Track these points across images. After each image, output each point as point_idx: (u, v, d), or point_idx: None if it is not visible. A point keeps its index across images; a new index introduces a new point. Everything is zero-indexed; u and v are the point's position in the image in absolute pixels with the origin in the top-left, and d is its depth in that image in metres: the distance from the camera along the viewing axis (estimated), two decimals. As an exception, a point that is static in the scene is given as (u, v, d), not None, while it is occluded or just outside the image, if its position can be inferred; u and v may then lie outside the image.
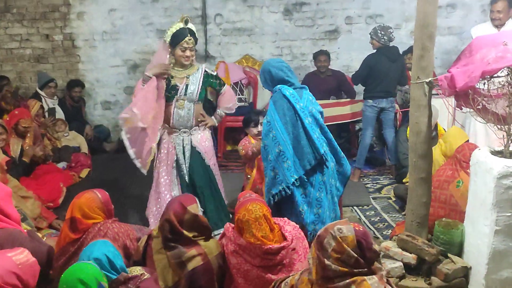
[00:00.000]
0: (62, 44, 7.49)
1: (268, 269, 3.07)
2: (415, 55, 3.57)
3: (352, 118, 6.69)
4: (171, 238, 3.10)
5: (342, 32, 7.58)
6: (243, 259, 3.09)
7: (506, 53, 3.37)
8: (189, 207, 3.11)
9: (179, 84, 4.39)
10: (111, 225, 3.27)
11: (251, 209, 3.07)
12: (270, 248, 3.02)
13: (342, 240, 2.26)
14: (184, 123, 4.48)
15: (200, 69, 4.50)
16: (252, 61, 7.61)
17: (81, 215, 3.25)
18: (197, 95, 4.43)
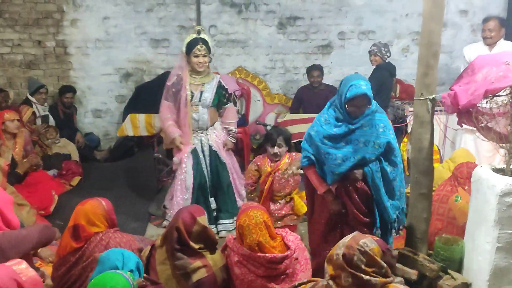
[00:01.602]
0: (54, 50, 7.41)
1: (272, 279, 3.08)
2: (419, 72, 3.62)
3: (345, 132, 6.72)
4: (177, 248, 3.08)
5: (335, 47, 7.66)
6: (247, 269, 3.09)
7: (508, 73, 3.44)
8: (198, 218, 3.11)
9: (195, 92, 4.85)
10: (113, 235, 3.25)
11: (251, 215, 3.11)
12: (275, 257, 3.04)
13: (372, 253, 2.32)
14: (200, 125, 4.94)
15: (215, 79, 4.99)
16: (245, 73, 7.64)
17: (86, 221, 3.22)
18: (210, 102, 4.91)
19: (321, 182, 3.55)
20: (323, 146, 3.45)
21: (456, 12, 7.62)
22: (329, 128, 3.45)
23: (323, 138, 3.46)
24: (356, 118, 3.40)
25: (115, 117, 7.67)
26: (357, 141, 3.41)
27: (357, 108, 3.36)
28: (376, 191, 3.47)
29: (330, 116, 3.49)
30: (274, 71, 7.71)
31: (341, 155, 3.41)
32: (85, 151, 7.08)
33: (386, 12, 7.57)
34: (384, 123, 3.46)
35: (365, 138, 3.40)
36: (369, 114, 3.42)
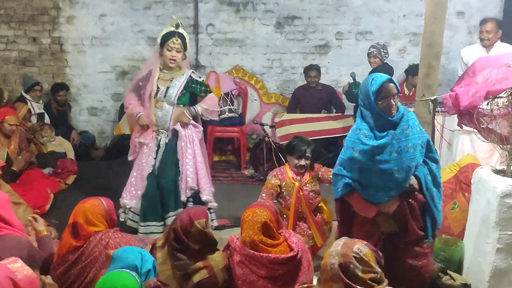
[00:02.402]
0: (50, 47, 7.36)
1: (274, 280, 3.04)
2: (421, 73, 3.64)
3: (342, 132, 6.71)
4: (177, 248, 3.06)
5: (332, 47, 7.66)
6: (248, 270, 3.06)
7: (509, 75, 3.46)
8: (197, 221, 3.05)
9: (161, 86, 4.49)
10: (113, 234, 3.20)
11: (256, 212, 3.09)
12: (277, 258, 3.01)
13: (367, 259, 2.28)
14: (162, 124, 4.54)
15: (185, 74, 4.54)
16: (242, 72, 7.63)
17: (84, 221, 3.18)
18: (175, 99, 4.47)
19: (369, 205, 3.15)
20: (375, 164, 3.03)
21: (453, 14, 7.63)
22: (375, 142, 3.03)
23: (373, 155, 3.02)
24: (393, 115, 3.03)
25: (111, 115, 7.63)
26: (407, 147, 3.04)
27: (390, 100, 2.99)
28: (430, 195, 3.16)
29: (366, 129, 3.08)
30: (271, 70, 7.70)
31: (397, 168, 3.03)
32: (80, 149, 7.04)
33: (384, 12, 7.57)
34: (416, 120, 3.18)
35: (412, 142, 3.06)
36: (404, 115, 3.09)
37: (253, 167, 7.07)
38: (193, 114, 4.58)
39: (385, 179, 3.04)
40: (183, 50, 4.48)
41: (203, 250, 3.09)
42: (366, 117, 3.09)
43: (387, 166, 3.02)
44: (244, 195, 6.08)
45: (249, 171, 7.00)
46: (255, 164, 7.06)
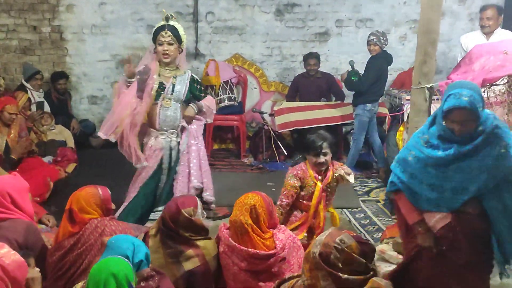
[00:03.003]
0: (50, 36, 7.37)
1: (255, 275, 3.01)
2: (417, 61, 3.62)
3: (341, 121, 6.73)
4: (168, 235, 3.08)
5: (332, 34, 7.63)
6: (231, 261, 3.05)
7: (506, 62, 3.45)
8: (184, 210, 3.07)
9: (166, 83, 4.27)
10: (108, 222, 3.20)
11: (249, 196, 3.09)
12: (257, 253, 2.97)
13: (349, 251, 2.25)
14: (171, 123, 4.30)
15: (187, 73, 4.41)
16: (241, 60, 7.62)
17: (78, 208, 3.21)
18: (183, 96, 4.32)
19: (413, 211, 2.87)
20: (426, 175, 2.78)
21: (454, 1, 7.59)
22: (433, 151, 2.75)
23: (425, 166, 2.77)
24: (462, 137, 2.68)
25: (111, 104, 7.59)
26: (470, 168, 2.68)
27: (457, 125, 2.66)
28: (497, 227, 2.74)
29: (433, 136, 2.79)
30: (271, 58, 7.68)
31: (450, 187, 2.73)
32: (80, 138, 7.06)
33: (384, -1, 7.54)
34: (507, 140, 2.68)
35: (480, 164, 2.67)
36: (484, 132, 2.67)
37: (253, 155, 7.10)
38: (200, 109, 4.43)
39: (433, 195, 2.78)
40: (177, 43, 4.23)
41: (194, 238, 3.10)
42: (437, 123, 2.78)
43: (436, 182, 2.75)
44: (243, 184, 6.10)
45: (248, 159, 7.02)
46: (255, 152, 7.09)
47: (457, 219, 2.75)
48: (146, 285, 2.49)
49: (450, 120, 2.67)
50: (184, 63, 4.48)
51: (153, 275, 2.53)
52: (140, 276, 2.46)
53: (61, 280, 3.06)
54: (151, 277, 2.52)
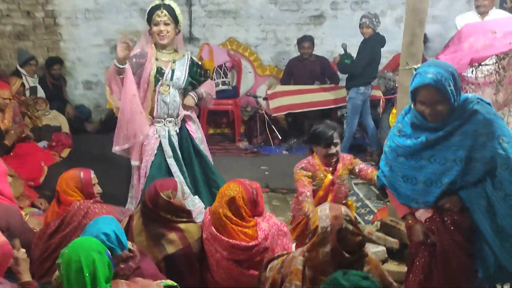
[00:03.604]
0: (43, 21, 7.34)
1: (238, 263, 3.01)
2: (405, 41, 3.58)
3: (335, 104, 6.73)
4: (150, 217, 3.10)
5: (327, 17, 7.58)
6: (213, 248, 3.04)
7: (494, 41, 3.42)
8: (162, 192, 3.08)
9: (164, 68, 3.97)
10: (92, 205, 3.24)
11: (230, 186, 3.06)
12: (237, 244, 2.96)
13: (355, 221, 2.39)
14: (170, 111, 4.03)
15: (186, 56, 4.11)
16: (236, 44, 7.58)
17: (62, 190, 3.28)
18: (183, 82, 4.03)
19: (401, 204, 2.70)
20: (398, 166, 2.60)
21: (451, -19, 7.54)
22: (403, 140, 2.57)
23: (397, 156, 2.59)
24: (435, 122, 2.46)
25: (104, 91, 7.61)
26: (444, 158, 2.46)
27: (426, 108, 2.43)
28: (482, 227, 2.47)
29: (406, 124, 2.60)
30: (265, 42, 7.64)
31: (423, 179, 2.53)
32: (75, 123, 7.06)
33: (380, -20, 7.47)
34: (489, 127, 2.40)
35: (455, 154, 2.43)
36: (461, 117, 2.43)
37: (247, 139, 7.10)
38: (199, 98, 4.16)
39: (408, 187, 2.59)
40: (174, 24, 3.91)
41: (175, 220, 3.11)
42: (411, 110, 2.60)
43: (408, 173, 2.56)
44: (237, 167, 6.12)
45: (243, 143, 7.02)
46: (249, 136, 7.09)
47: (439, 214, 2.56)
48: (126, 266, 2.51)
49: (419, 102, 2.47)
50: (181, 46, 4.18)
51: (132, 256, 2.55)
52: (119, 258, 2.48)
53: (47, 262, 3.09)
54: (131, 258, 2.53)
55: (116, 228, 2.53)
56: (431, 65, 2.44)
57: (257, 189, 3.11)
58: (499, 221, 2.42)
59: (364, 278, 1.98)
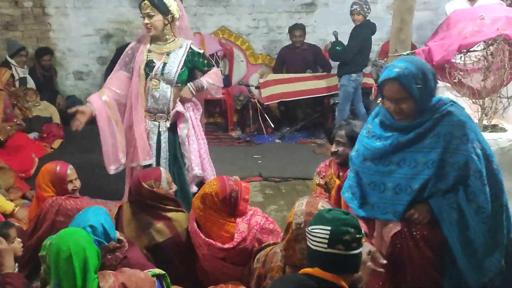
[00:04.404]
0: (32, 11, 7.27)
1: (220, 259, 2.97)
2: (394, 28, 3.58)
3: (327, 92, 6.72)
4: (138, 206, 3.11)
5: (319, 5, 7.55)
6: (196, 242, 3.03)
7: (482, 27, 3.42)
8: (145, 182, 3.08)
9: (156, 61, 3.79)
10: (64, 201, 3.12)
11: (211, 182, 3.03)
12: (213, 244, 2.92)
13: None
14: (160, 107, 3.84)
15: (184, 46, 3.81)
16: (228, 33, 7.55)
17: (37, 184, 3.25)
18: (175, 76, 3.78)
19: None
20: (365, 172, 2.41)
21: (441, -32, 7.50)
22: (372, 142, 2.39)
23: (364, 161, 2.40)
24: (400, 121, 2.31)
25: (98, 80, 7.59)
26: (415, 161, 2.28)
27: (391, 104, 2.29)
28: (451, 240, 2.26)
29: (375, 124, 2.42)
30: (257, 30, 7.61)
31: (391, 185, 2.32)
32: (66, 114, 7.00)
33: (371, -32, 7.43)
34: (463, 129, 2.25)
35: (426, 157, 2.26)
36: (433, 118, 2.28)
37: (240, 128, 7.10)
38: (199, 89, 3.87)
39: (375, 194, 2.39)
40: (161, 14, 3.68)
41: (163, 207, 3.10)
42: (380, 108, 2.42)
43: (376, 179, 2.37)
44: (230, 157, 6.12)
45: (236, 132, 7.02)
46: (242, 125, 7.09)
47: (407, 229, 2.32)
48: (113, 256, 2.51)
49: (385, 98, 2.33)
50: (184, 34, 3.90)
51: (120, 246, 2.54)
52: (106, 249, 2.48)
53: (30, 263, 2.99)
54: (117, 248, 2.53)
55: (105, 220, 2.52)
56: (403, 60, 2.33)
57: (240, 191, 3.01)
58: (470, 235, 2.24)
59: (345, 213, 2.07)
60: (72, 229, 2.32)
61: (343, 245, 1.98)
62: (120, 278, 2.38)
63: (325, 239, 2.00)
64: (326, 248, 2.00)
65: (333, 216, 2.04)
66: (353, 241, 2.00)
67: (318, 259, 2.03)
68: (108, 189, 5.00)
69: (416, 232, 2.31)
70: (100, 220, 2.48)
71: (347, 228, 2.00)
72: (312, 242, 2.05)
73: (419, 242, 2.30)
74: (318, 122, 7.07)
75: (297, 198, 4.71)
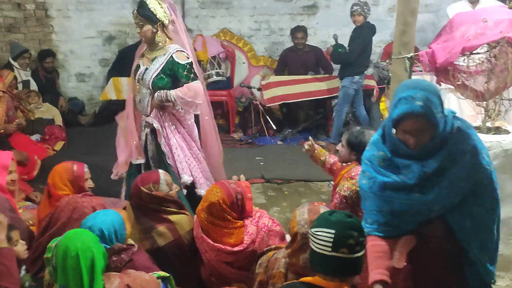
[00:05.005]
0: (35, 13, 7.27)
1: (227, 263, 2.98)
2: (397, 31, 3.58)
3: (329, 94, 6.74)
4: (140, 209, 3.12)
5: (321, 7, 7.56)
6: (202, 248, 3.03)
7: (485, 30, 3.42)
8: (143, 186, 3.10)
9: (142, 66, 3.87)
10: (80, 199, 3.18)
11: (213, 190, 3.00)
12: (222, 248, 2.93)
13: None
14: (141, 109, 3.91)
15: (167, 53, 3.77)
16: (230, 35, 7.56)
17: (52, 182, 3.26)
18: (149, 82, 3.77)
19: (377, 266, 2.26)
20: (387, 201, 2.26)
21: (442, -30, 7.52)
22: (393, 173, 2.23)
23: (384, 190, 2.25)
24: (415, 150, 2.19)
25: (100, 82, 7.60)
26: (438, 187, 2.18)
27: (411, 137, 2.16)
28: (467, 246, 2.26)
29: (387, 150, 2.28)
30: (259, 32, 7.62)
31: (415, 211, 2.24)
32: (69, 116, 7.04)
33: (373, -30, 7.45)
34: (472, 142, 2.21)
35: (446, 179, 2.18)
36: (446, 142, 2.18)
37: (242, 130, 7.11)
38: (163, 99, 3.77)
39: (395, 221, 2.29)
40: (150, 23, 3.70)
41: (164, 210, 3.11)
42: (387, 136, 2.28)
43: (400, 208, 2.24)
44: (232, 158, 6.12)
45: (237, 134, 7.03)
46: (244, 127, 7.10)
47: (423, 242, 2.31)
48: (118, 258, 2.52)
49: (402, 131, 2.18)
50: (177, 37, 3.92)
51: (126, 248, 2.55)
52: (111, 251, 2.49)
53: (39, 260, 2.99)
54: (123, 250, 2.53)
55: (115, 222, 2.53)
56: (417, 88, 2.13)
57: (244, 192, 3.02)
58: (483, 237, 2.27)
59: (348, 216, 2.07)
60: (79, 230, 2.34)
61: (347, 248, 1.98)
62: (125, 279, 2.39)
63: (329, 242, 1.99)
64: (330, 251, 1.99)
65: (337, 219, 2.03)
66: (357, 244, 2.00)
67: (322, 262, 2.03)
68: (110, 191, 5.02)
69: (433, 244, 2.31)
70: (109, 224, 2.50)
71: (351, 231, 2.00)
72: (316, 245, 2.04)
73: (438, 254, 2.31)
74: (320, 124, 7.09)
75: (299, 200, 4.81)
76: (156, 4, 3.72)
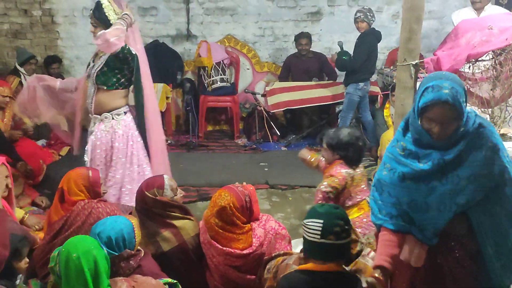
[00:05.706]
0: (41, 19, 7.33)
1: (236, 268, 3.00)
2: (402, 38, 3.59)
3: (333, 100, 6.75)
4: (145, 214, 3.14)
5: (325, 14, 7.59)
6: (210, 253, 3.05)
7: (491, 37, 3.43)
8: (148, 191, 3.12)
9: (92, 62, 3.96)
10: (96, 204, 3.22)
11: (221, 195, 3.01)
12: (231, 252, 2.95)
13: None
14: (88, 106, 3.97)
15: None
16: (234, 41, 7.59)
17: (67, 188, 3.27)
18: (93, 76, 3.83)
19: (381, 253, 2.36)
20: (406, 192, 2.29)
21: (446, -23, 7.55)
22: (413, 162, 2.27)
23: (403, 180, 2.29)
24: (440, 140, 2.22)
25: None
26: (458, 177, 2.21)
27: (436, 126, 2.19)
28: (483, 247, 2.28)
29: (408, 141, 2.31)
30: (263, 39, 7.65)
31: (435, 203, 2.24)
32: (74, 121, 7.05)
33: (377, -23, 7.48)
34: (493, 139, 2.24)
35: (468, 172, 2.20)
36: (467, 134, 2.22)
37: (246, 136, 7.13)
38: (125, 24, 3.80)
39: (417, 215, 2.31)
40: (103, 25, 3.82)
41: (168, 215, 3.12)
42: (412, 125, 2.31)
43: (415, 197, 2.27)
44: (236, 164, 6.15)
45: (242, 140, 7.05)
46: (248, 133, 7.12)
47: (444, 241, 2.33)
48: (126, 264, 2.53)
49: (427, 119, 2.21)
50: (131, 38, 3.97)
51: (134, 254, 2.57)
52: (120, 257, 2.50)
53: None
54: (132, 256, 2.55)
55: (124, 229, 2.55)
56: (443, 78, 2.19)
57: (251, 195, 3.06)
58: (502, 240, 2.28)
59: (335, 207, 2.41)
60: (80, 236, 2.37)
61: (334, 235, 2.27)
62: (132, 284, 2.41)
63: (318, 230, 2.28)
64: (319, 239, 2.28)
65: (325, 210, 2.34)
66: (343, 231, 2.29)
67: (313, 248, 2.32)
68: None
69: (454, 242, 2.34)
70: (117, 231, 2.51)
71: (337, 221, 2.30)
72: (307, 233, 2.32)
73: (459, 252, 2.34)
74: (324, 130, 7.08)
75: (304, 206, 4.81)
76: (110, 10, 3.84)
